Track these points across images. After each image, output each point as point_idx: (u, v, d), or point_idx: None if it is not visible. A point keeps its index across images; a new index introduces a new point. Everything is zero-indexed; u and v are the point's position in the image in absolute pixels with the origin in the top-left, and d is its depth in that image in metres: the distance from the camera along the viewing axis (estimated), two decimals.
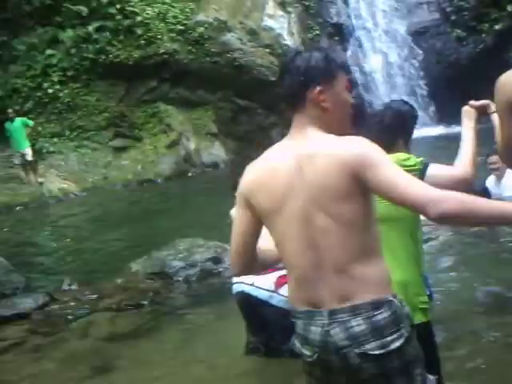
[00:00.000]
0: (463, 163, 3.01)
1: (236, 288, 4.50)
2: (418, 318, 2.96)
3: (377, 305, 2.19)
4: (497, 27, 18.62)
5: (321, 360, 2.24)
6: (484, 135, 3.21)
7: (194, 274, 7.26)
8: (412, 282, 3.02)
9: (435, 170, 3.00)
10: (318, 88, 2.32)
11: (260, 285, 4.32)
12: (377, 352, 2.17)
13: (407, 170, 2.92)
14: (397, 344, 2.18)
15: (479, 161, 3.08)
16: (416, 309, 2.98)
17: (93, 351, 5.49)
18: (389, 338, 2.18)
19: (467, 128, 3.13)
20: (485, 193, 7.36)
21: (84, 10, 17.32)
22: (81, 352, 5.50)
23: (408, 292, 2.95)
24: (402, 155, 3.07)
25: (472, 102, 3.17)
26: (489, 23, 18.79)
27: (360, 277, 2.21)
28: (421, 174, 2.96)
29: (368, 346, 2.17)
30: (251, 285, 4.35)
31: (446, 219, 2.09)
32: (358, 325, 2.18)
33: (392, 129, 3.23)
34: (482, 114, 3.15)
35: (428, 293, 3.20)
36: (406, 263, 3.02)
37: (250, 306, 4.36)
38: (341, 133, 2.33)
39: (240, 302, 4.50)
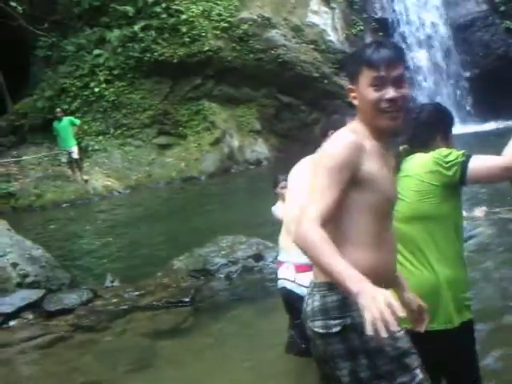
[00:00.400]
0: (510, 152, 2.87)
1: (280, 284, 4.47)
2: (466, 316, 2.95)
3: (331, 286, 2.33)
4: None
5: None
6: None
7: (236, 270, 7.26)
8: (459, 279, 2.97)
9: (477, 161, 2.89)
10: (349, 86, 2.48)
11: (301, 282, 4.29)
12: (321, 331, 2.37)
13: (448, 166, 2.90)
14: (338, 328, 2.33)
15: None
16: (462, 306, 2.95)
17: (132, 348, 5.54)
18: (332, 322, 2.34)
19: None
20: None
21: (130, 9, 17.52)
22: (121, 348, 5.56)
23: (457, 289, 2.93)
24: (443, 151, 2.98)
25: None
26: None
27: None
28: (462, 167, 2.88)
29: (316, 323, 2.39)
30: (293, 281, 4.32)
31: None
32: (316, 301, 2.40)
33: (428, 124, 3.15)
34: None
35: None
36: (453, 260, 2.97)
37: (292, 302, 4.33)
38: (375, 126, 2.44)
39: (283, 297, 4.47)
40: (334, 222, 2.36)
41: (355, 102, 2.46)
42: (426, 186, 2.94)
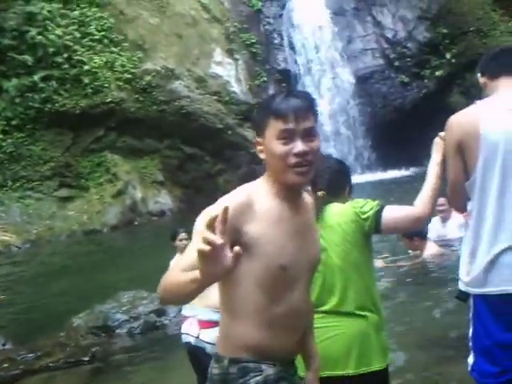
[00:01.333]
0: (421, 202, 3.03)
1: (184, 338, 4.42)
2: (389, 358, 3.08)
3: (217, 359, 2.28)
4: (437, 73, 19.22)
5: None
6: None
7: (138, 326, 7.13)
8: (383, 322, 3.11)
9: (390, 211, 3.03)
10: (256, 139, 2.29)
11: (205, 338, 4.24)
12: None
13: (365, 217, 2.99)
14: None
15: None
16: (386, 348, 3.07)
17: None
18: None
19: (433, 163, 3.13)
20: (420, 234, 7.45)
21: (29, 59, 17.11)
22: None
23: (382, 332, 3.06)
24: (360, 201, 3.11)
25: (441, 133, 3.16)
26: (430, 69, 19.39)
27: (220, 327, 2.34)
28: (377, 217, 3.01)
29: None
30: (196, 337, 4.28)
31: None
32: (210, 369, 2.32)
33: (342, 174, 3.29)
34: None
35: None
36: (377, 304, 3.08)
37: (198, 358, 4.27)
38: (282, 182, 2.25)
39: (189, 352, 4.41)
40: (225, 292, 2.25)
41: (262, 155, 2.28)
42: (349, 235, 3.03)
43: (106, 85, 17.58)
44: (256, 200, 2.21)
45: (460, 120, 3.02)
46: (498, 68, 3.11)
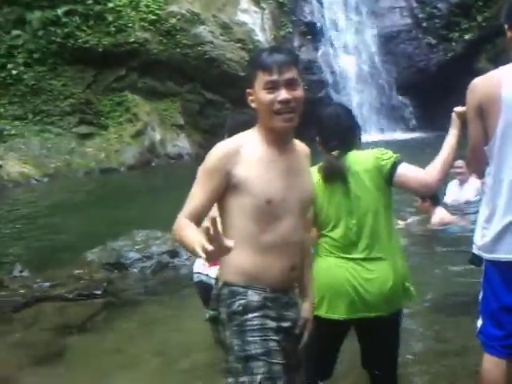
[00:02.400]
0: (433, 168, 3.09)
1: (196, 277, 4.59)
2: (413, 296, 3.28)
3: (216, 281, 2.70)
4: (466, 37, 18.87)
5: None
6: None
7: (150, 266, 7.20)
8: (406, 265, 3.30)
9: (405, 169, 3.12)
10: (247, 90, 2.61)
11: (213, 275, 4.39)
12: (207, 315, 2.67)
13: (385, 162, 3.04)
14: (208, 316, 2.65)
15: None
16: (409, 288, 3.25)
17: (40, 341, 5.35)
18: (210, 311, 2.64)
19: (449, 134, 3.18)
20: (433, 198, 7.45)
21: None
22: (27, 341, 5.35)
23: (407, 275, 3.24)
24: (382, 150, 3.23)
25: (456, 108, 3.16)
26: (459, 32, 19.02)
27: None
28: (392, 168, 3.11)
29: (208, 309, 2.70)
30: (207, 275, 4.43)
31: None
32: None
33: (350, 128, 3.31)
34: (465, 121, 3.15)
35: None
36: (401, 248, 3.28)
37: (208, 293, 4.39)
38: (270, 128, 2.56)
39: (200, 290, 4.55)
40: (223, 224, 2.57)
41: (253, 105, 2.59)
42: (374, 181, 3.13)
43: (130, 24, 17.46)
44: (245, 146, 2.57)
45: (481, 84, 2.98)
46: None
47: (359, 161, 3.16)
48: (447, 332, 4.86)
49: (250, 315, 2.53)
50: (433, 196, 7.35)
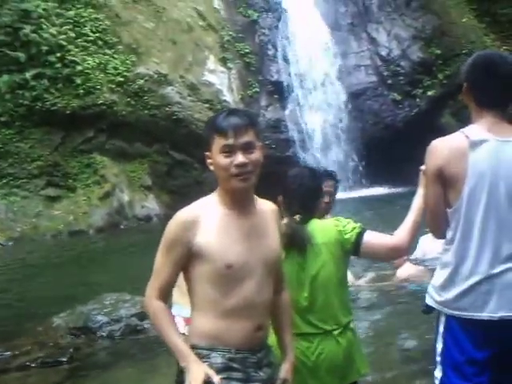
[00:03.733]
0: (401, 232, 3.11)
1: None
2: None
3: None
4: (429, 93, 19.35)
5: None
6: None
7: (119, 329, 7.06)
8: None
9: (371, 236, 3.12)
10: (206, 153, 2.67)
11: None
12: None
13: (348, 236, 3.03)
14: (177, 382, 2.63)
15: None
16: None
17: None
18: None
19: (417, 195, 3.20)
20: None
21: (22, 56, 17.01)
22: None
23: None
24: (342, 220, 3.20)
25: (423, 167, 3.18)
26: (422, 89, 19.51)
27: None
28: (357, 238, 3.09)
29: None
30: (183, 334, 4.40)
31: None
32: None
33: (313, 190, 3.29)
34: None
35: None
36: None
37: None
38: (228, 189, 2.62)
39: None
40: (189, 291, 2.67)
41: (211, 167, 2.66)
42: (333, 254, 3.11)
43: (98, 86, 17.51)
44: (204, 212, 2.62)
45: (442, 147, 2.99)
46: (485, 99, 3.05)
47: (320, 232, 3.13)
48: None
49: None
50: None
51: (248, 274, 2.58)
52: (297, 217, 3.16)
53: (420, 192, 3.18)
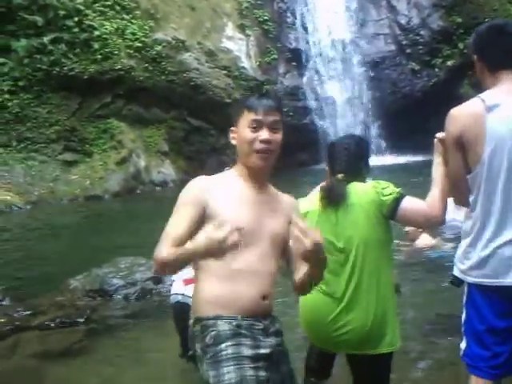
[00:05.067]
0: (434, 201, 3.06)
1: (172, 299, 4.75)
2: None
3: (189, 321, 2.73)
4: (449, 63, 19.10)
5: None
6: None
7: (134, 292, 7.16)
8: (396, 305, 3.31)
9: (409, 203, 3.10)
10: (231, 128, 2.75)
11: (190, 294, 4.41)
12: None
13: (385, 199, 3.03)
14: (190, 356, 2.84)
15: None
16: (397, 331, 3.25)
17: (20, 370, 5.26)
18: (191, 352, 2.72)
19: (435, 165, 3.19)
20: None
21: (40, 20, 16.99)
22: (7, 371, 5.26)
23: (395, 314, 3.25)
24: (382, 183, 3.19)
25: (438, 135, 3.16)
26: (442, 59, 19.26)
27: (193, 291, 2.77)
28: (395, 203, 3.08)
29: None
30: (182, 294, 4.60)
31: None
32: None
33: (359, 155, 3.35)
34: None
35: None
36: (393, 286, 3.29)
37: (183, 314, 4.43)
38: (247, 165, 2.69)
39: (175, 311, 4.70)
40: None
41: (233, 141, 2.73)
42: (370, 214, 3.12)
43: (116, 52, 17.49)
44: (220, 181, 2.72)
45: (460, 114, 2.97)
46: (497, 60, 3.03)
47: (356, 193, 3.15)
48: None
49: (223, 345, 2.54)
50: None
51: (255, 241, 2.64)
52: (339, 175, 3.22)
53: (437, 160, 3.16)
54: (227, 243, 2.37)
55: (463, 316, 3.09)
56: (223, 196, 2.64)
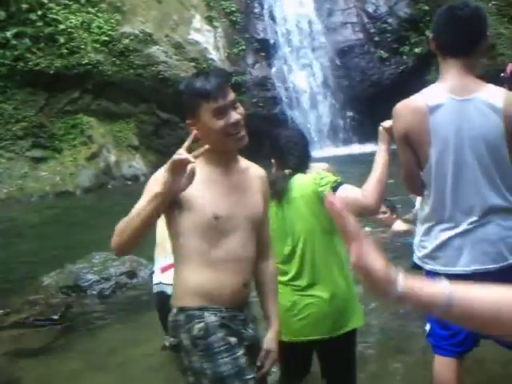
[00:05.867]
0: (370, 190, 3.07)
1: (154, 289, 4.67)
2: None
3: (170, 309, 2.65)
4: (416, 50, 19.23)
5: None
6: None
7: (109, 287, 7.10)
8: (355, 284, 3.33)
9: (345, 192, 3.09)
10: (188, 121, 2.63)
11: (167, 281, 4.42)
12: (167, 343, 2.65)
13: (321, 189, 3.08)
14: (169, 345, 2.62)
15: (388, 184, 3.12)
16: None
17: None
18: (170, 339, 2.61)
19: (378, 151, 3.19)
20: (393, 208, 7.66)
21: (1, 14, 16.64)
22: None
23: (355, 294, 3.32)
24: (322, 173, 3.23)
25: (383, 123, 3.17)
26: (409, 46, 19.40)
27: (173, 280, 2.70)
28: (331, 191, 3.08)
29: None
30: (160, 283, 4.56)
31: None
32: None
33: (306, 150, 3.41)
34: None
35: None
36: (349, 270, 3.29)
37: (163, 302, 4.40)
38: (224, 150, 2.61)
39: (157, 301, 4.63)
40: (173, 244, 2.63)
41: (197, 135, 2.57)
42: (312, 206, 3.16)
43: (83, 46, 17.25)
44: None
45: (405, 111, 3.01)
46: (447, 45, 3.04)
47: (299, 186, 3.20)
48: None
49: (214, 337, 2.52)
50: (392, 207, 7.58)
51: (234, 227, 2.59)
52: (287, 171, 3.24)
53: (382, 148, 3.17)
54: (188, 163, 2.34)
55: None
56: (196, 183, 2.51)
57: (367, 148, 18.36)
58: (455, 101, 2.94)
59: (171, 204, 2.50)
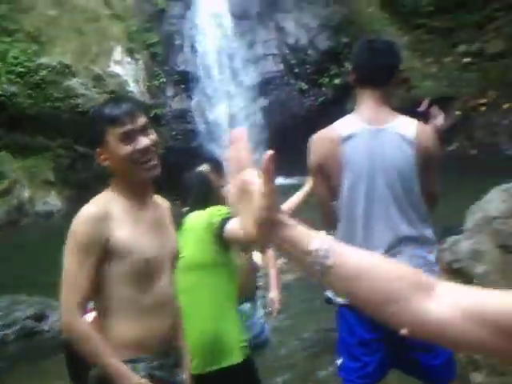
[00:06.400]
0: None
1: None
2: (245, 353, 3.35)
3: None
4: (336, 81, 19.60)
5: None
6: None
7: (13, 333, 6.76)
8: (234, 323, 3.37)
9: (234, 224, 3.05)
10: (97, 150, 2.51)
11: None
12: None
13: (214, 221, 3.10)
14: None
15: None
16: (240, 347, 3.32)
17: None
18: None
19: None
20: None
21: None
22: None
23: (235, 333, 3.34)
24: (219, 207, 3.28)
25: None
26: (328, 78, 19.75)
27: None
28: (222, 223, 3.14)
29: None
30: None
31: None
32: None
33: (207, 185, 3.53)
34: None
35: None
36: (226, 309, 3.35)
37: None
38: (133, 181, 2.47)
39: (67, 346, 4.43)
40: (97, 295, 2.42)
41: (106, 163, 2.52)
42: (204, 237, 3.20)
43: None
44: (109, 207, 2.45)
45: (319, 143, 3.08)
46: (363, 75, 3.13)
47: (192, 219, 3.27)
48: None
49: None
50: None
51: (160, 268, 2.48)
52: (184, 209, 3.38)
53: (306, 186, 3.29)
54: None
55: (338, 334, 3.25)
56: (120, 225, 2.40)
57: (287, 181, 18.52)
58: (368, 130, 2.99)
59: (101, 258, 2.36)
